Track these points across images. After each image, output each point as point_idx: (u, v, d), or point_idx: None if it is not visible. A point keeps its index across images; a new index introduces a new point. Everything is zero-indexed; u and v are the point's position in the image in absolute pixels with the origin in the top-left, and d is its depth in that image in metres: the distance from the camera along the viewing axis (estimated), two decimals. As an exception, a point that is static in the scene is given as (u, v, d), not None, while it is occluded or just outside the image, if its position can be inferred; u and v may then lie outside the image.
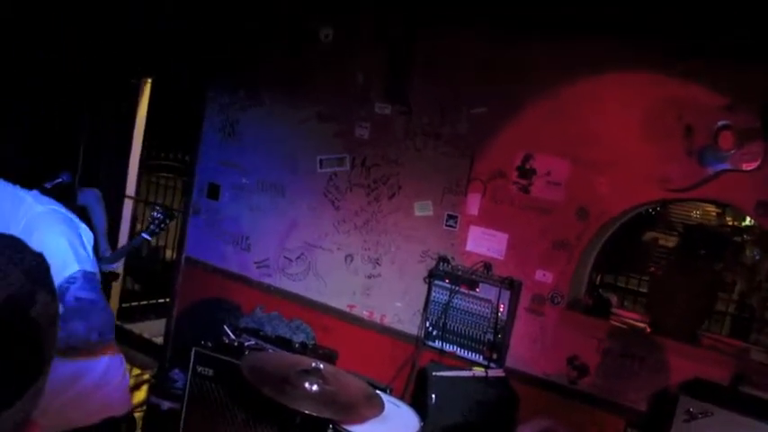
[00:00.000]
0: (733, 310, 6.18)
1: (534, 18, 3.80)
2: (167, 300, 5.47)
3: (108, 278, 4.20)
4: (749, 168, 3.24)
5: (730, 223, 5.74)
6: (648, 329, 3.73)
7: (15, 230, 1.89)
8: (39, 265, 0.86)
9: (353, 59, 4.43)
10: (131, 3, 5.04)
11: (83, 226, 2.11)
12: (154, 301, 6.48)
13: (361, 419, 2.79)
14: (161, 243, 7.19)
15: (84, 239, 2.08)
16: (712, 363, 3.38)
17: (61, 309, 1.92)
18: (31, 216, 1.96)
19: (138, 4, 5.03)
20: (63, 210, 2.08)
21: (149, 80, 5.90)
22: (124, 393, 2.28)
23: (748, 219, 5.23)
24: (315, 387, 2.64)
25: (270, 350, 3.92)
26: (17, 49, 4.70)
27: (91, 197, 4.30)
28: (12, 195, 2.00)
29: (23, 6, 4.69)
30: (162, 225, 4.04)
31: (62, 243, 1.97)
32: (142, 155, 6.23)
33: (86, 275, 1.98)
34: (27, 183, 2.12)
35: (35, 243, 1.95)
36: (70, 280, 1.95)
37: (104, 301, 2.03)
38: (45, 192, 2.14)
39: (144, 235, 4.07)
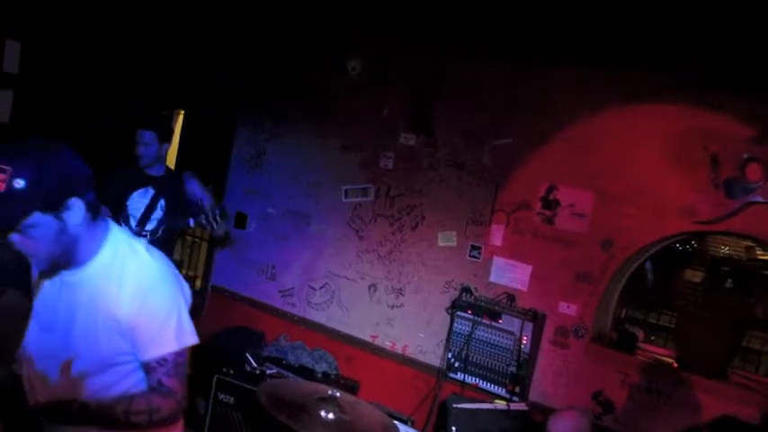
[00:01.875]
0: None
1: (559, 51, 3.81)
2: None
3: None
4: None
5: (762, 257, 5.59)
6: (675, 365, 3.64)
7: (130, 285, 1.87)
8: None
9: (379, 91, 4.48)
10: (166, 37, 5.18)
11: (184, 283, 2.09)
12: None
13: (378, 449, 2.76)
14: (191, 273, 7.25)
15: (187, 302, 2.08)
16: (741, 400, 3.29)
17: (144, 385, 1.95)
18: (148, 275, 1.94)
19: (174, 39, 5.17)
20: (170, 264, 2.05)
21: (182, 112, 6.03)
22: None
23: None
24: (331, 415, 2.63)
25: (290, 378, 3.92)
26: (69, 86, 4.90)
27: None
28: (129, 246, 1.96)
29: (73, 44, 4.88)
30: (206, 224, 4.07)
31: (172, 316, 1.97)
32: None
33: (178, 359, 1.97)
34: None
35: (149, 307, 1.91)
36: (161, 361, 1.94)
37: (183, 390, 1.98)
38: None
39: (190, 220, 4.14)
